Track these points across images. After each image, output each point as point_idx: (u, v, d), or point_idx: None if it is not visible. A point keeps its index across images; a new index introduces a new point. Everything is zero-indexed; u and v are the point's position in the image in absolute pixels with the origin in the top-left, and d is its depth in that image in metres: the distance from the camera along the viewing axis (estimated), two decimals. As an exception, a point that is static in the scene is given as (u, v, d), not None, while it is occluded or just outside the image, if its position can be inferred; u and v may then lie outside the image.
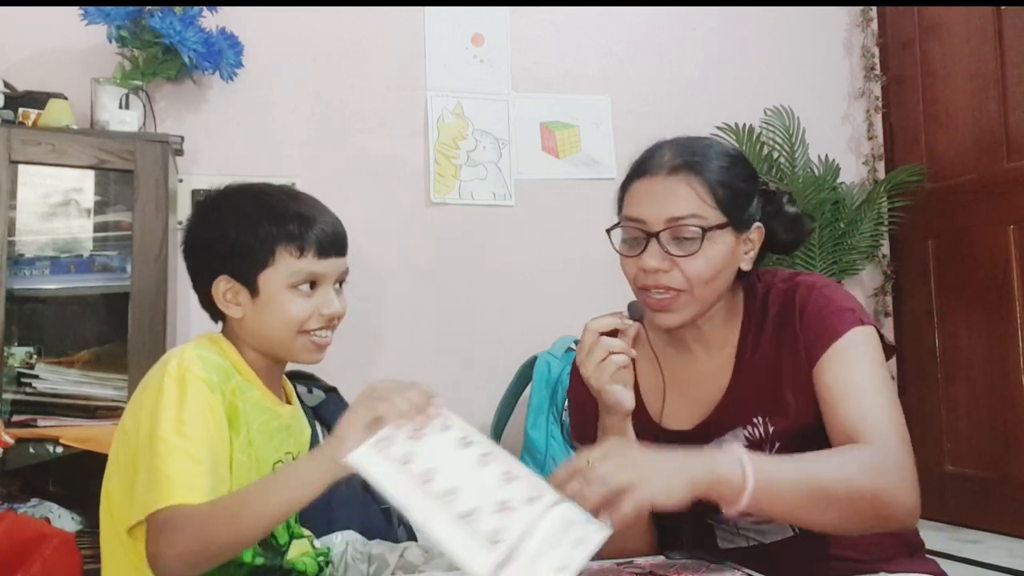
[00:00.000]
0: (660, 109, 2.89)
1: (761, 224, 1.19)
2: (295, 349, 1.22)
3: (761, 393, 1.17)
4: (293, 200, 1.25)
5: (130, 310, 1.99)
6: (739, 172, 1.17)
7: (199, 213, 1.28)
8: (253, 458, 1.18)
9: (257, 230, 1.19)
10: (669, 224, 1.12)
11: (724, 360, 1.21)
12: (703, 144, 1.20)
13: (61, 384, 1.96)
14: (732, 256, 1.16)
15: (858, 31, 3.14)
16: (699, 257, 1.12)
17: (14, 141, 1.96)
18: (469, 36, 2.79)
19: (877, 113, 3.10)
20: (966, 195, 2.78)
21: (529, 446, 2.39)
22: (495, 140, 2.77)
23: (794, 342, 1.16)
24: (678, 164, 1.15)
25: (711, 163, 1.15)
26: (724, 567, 1.12)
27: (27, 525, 1.63)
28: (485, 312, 2.71)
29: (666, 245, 1.13)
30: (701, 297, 1.14)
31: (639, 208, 1.16)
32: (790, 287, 1.20)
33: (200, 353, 1.16)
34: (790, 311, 1.17)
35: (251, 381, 1.22)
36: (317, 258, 1.20)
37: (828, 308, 1.15)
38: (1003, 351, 2.61)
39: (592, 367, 1.11)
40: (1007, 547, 2.42)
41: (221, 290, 1.22)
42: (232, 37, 2.39)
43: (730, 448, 0.98)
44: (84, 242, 2.15)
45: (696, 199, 1.13)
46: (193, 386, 1.11)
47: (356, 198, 2.61)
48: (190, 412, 1.10)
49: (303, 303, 1.20)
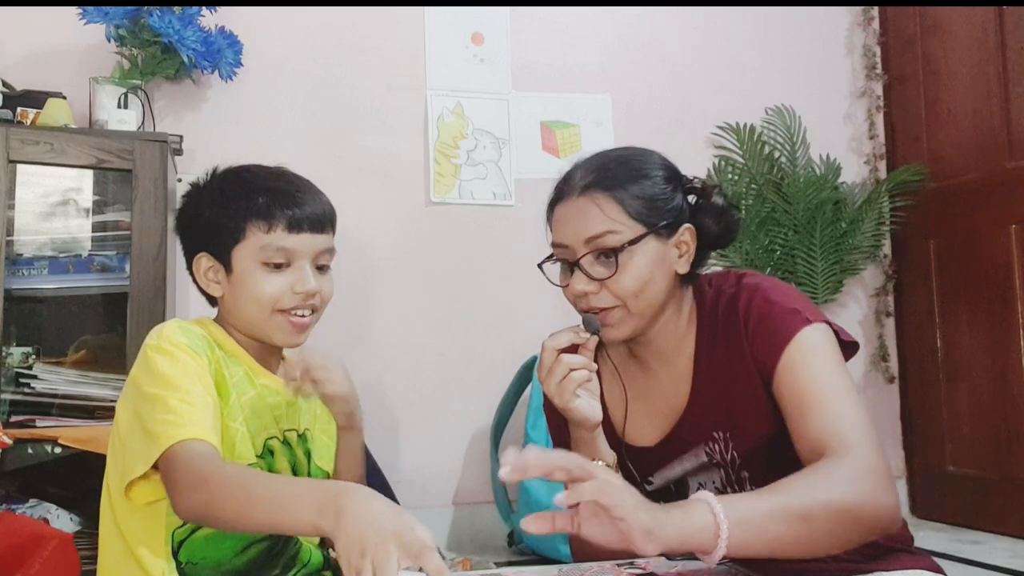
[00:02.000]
0: (660, 108, 2.88)
1: (691, 224, 1.16)
2: (270, 329, 1.21)
3: (719, 407, 1.15)
4: (273, 178, 1.25)
5: (129, 310, 1.99)
6: (654, 178, 1.15)
7: (186, 195, 1.29)
8: (246, 427, 1.18)
9: (230, 206, 1.20)
10: (588, 245, 1.12)
11: (682, 373, 1.20)
12: (613, 157, 1.18)
13: (59, 384, 1.95)
14: (661, 263, 1.14)
15: (859, 30, 3.13)
16: (622, 273, 1.11)
17: (12, 140, 1.95)
18: (469, 35, 2.79)
19: (878, 112, 3.10)
20: (968, 195, 2.78)
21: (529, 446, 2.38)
22: (495, 139, 2.77)
23: (742, 352, 1.13)
24: (587, 183, 1.14)
25: (620, 176, 1.14)
26: (723, 567, 1.12)
27: (26, 526, 1.63)
28: (485, 312, 2.70)
29: (588, 268, 1.13)
30: (637, 310, 1.13)
31: (560, 233, 1.17)
32: (735, 292, 1.17)
33: (182, 325, 1.17)
34: (735, 319, 1.15)
35: (238, 357, 1.22)
36: (287, 233, 1.19)
37: (770, 313, 1.12)
38: (1005, 351, 2.61)
39: (554, 386, 1.11)
40: (1008, 548, 2.41)
41: (202, 268, 1.23)
42: (231, 36, 2.38)
43: (698, 496, 0.93)
44: (83, 242, 2.14)
45: (605, 217, 1.12)
46: (175, 348, 1.12)
47: (356, 198, 2.61)
48: (177, 369, 1.11)
49: (274, 279, 1.19)
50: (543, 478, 0.91)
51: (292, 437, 1.27)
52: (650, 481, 1.21)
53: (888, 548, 1.16)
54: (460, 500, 2.64)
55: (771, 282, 1.17)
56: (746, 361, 1.13)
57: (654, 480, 1.21)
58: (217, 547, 1.16)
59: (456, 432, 2.64)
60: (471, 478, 2.64)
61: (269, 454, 1.22)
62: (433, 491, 2.61)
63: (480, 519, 2.61)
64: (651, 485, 1.21)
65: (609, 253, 1.11)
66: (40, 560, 1.50)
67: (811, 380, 1.07)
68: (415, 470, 2.56)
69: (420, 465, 2.59)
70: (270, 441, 1.22)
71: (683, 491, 1.19)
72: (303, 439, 1.30)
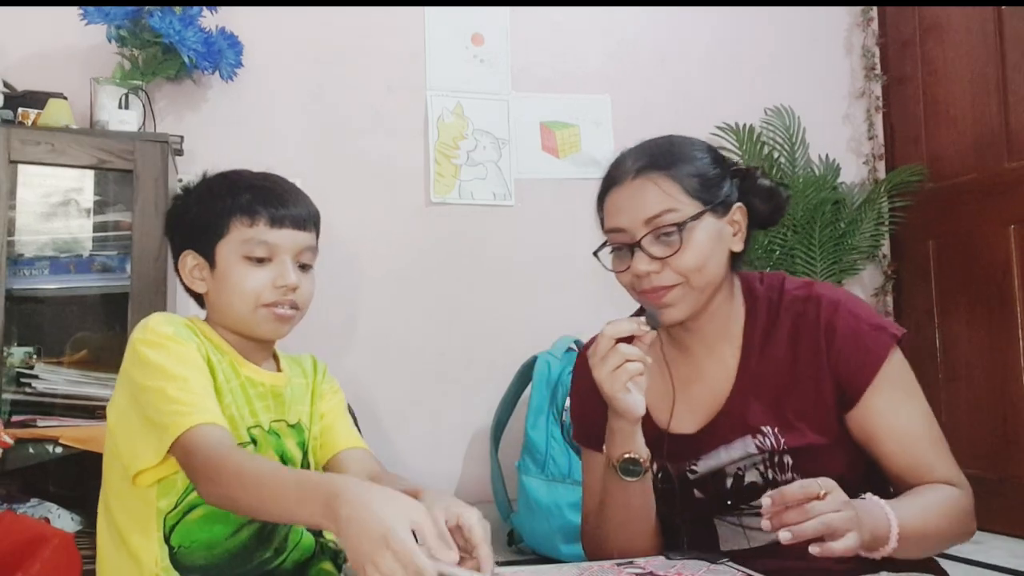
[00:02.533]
0: (660, 109, 2.89)
1: (741, 203, 1.20)
2: (253, 322, 1.24)
3: (766, 401, 1.17)
4: (259, 178, 1.29)
5: (130, 310, 1.99)
6: (704, 158, 1.19)
7: (175, 197, 1.33)
8: (230, 411, 1.20)
9: (215, 204, 1.24)
10: (648, 225, 1.15)
11: (726, 362, 1.22)
12: (662, 142, 1.22)
13: (60, 384, 1.96)
14: (719, 240, 1.17)
15: (858, 31, 3.13)
16: (685, 250, 1.14)
17: (13, 141, 1.96)
18: (469, 36, 2.79)
19: (877, 113, 3.10)
20: (967, 195, 2.78)
21: (529, 446, 2.39)
22: (495, 140, 2.77)
23: (816, 361, 1.16)
24: (641, 166, 1.17)
25: (673, 157, 1.17)
26: (724, 567, 1.12)
27: (26, 525, 1.63)
28: (485, 312, 2.71)
29: (649, 249, 1.15)
30: (699, 286, 1.16)
31: (616, 218, 1.19)
32: (808, 298, 1.19)
33: (164, 316, 1.20)
34: (811, 325, 1.17)
35: (224, 351, 1.24)
36: (269, 227, 1.22)
37: (859, 330, 1.15)
38: (1004, 351, 2.61)
39: (606, 373, 1.10)
40: (1008, 547, 2.42)
41: (188, 266, 1.27)
42: (232, 37, 2.38)
43: (874, 502, 1.04)
44: (83, 242, 2.14)
45: (665, 195, 1.15)
46: (163, 339, 1.15)
47: (356, 198, 2.61)
48: (170, 359, 1.13)
49: (256, 273, 1.22)
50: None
51: (282, 427, 1.29)
52: (694, 470, 1.22)
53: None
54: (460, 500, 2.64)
55: (849, 295, 1.21)
56: (820, 369, 1.16)
57: (698, 468, 1.21)
58: (208, 530, 1.17)
59: (456, 432, 2.64)
60: (471, 478, 2.65)
61: (253, 444, 1.23)
62: (433, 491, 2.61)
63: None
64: (695, 474, 1.22)
65: (669, 231, 1.14)
66: (41, 560, 1.50)
67: (908, 409, 1.15)
68: (415, 470, 2.56)
69: (420, 465, 2.59)
70: (253, 430, 1.24)
71: (721, 478, 1.20)
72: (296, 429, 1.31)
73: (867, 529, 0.98)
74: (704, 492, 1.21)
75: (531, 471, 2.35)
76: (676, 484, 1.22)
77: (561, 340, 2.54)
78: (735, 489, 1.19)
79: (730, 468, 1.19)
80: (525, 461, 2.39)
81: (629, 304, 1.49)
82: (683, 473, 1.21)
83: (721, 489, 1.19)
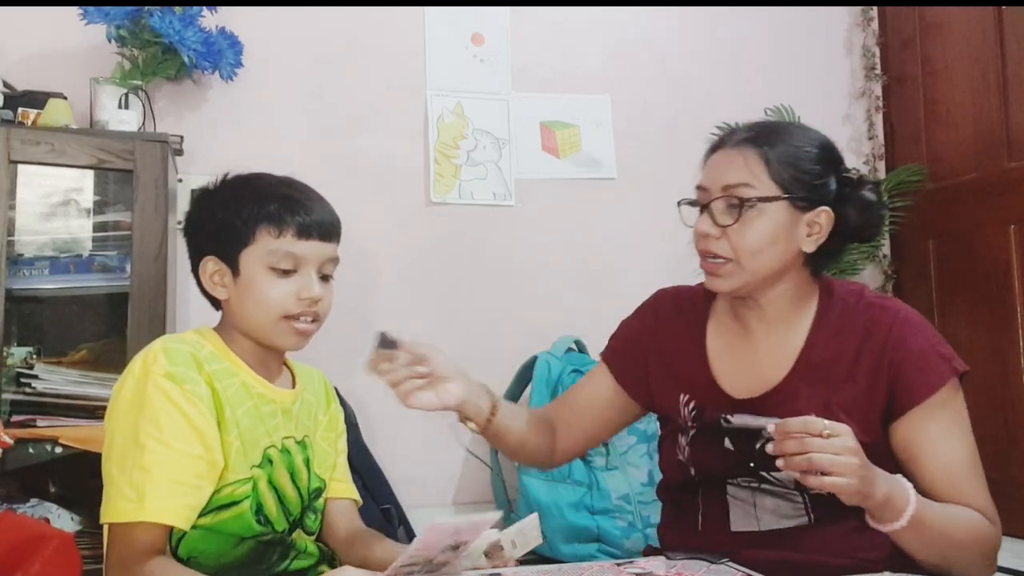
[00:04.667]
0: (660, 109, 2.88)
1: (830, 209, 1.21)
2: (273, 334, 1.23)
3: (819, 393, 1.19)
4: (284, 185, 1.26)
5: (130, 310, 1.99)
6: (810, 153, 1.21)
7: (195, 198, 1.31)
8: (241, 440, 1.19)
9: (241, 210, 1.22)
10: (723, 192, 1.18)
11: (786, 350, 1.23)
12: (776, 123, 1.28)
13: (60, 384, 1.95)
14: (787, 233, 1.18)
15: (858, 30, 3.13)
16: (745, 227, 1.17)
17: (13, 141, 1.96)
18: (469, 36, 2.79)
19: (878, 113, 3.10)
20: (967, 195, 2.78)
21: (529, 446, 2.39)
22: (495, 140, 2.77)
23: (878, 362, 1.18)
24: (744, 138, 1.21)
25: (775, 139, 1.20)
26: (724, 567, 1.12)
27: (26, 525, 1.63)
28: (485, 312, 2.71)
29: (716, 214, 1.18)
30: (749, 268, 1.18)
31: (704, 176, 1.24)
32: (885, 307, 1.22)
33: (168, 346, 1.17)
34: (882, 331, 1.19)
35: (236, 367, 1.23)
36: (296, 239, 1.21)
37: (926, 351, 1.18)
38: (1004, 351, 2.61)
39: (401, 399, 1.19)
40: (1009, 548, 2.40)
41: (209, 271, 1.24)
42: (232, 37, 2.38)
43: (901, 478, 1.08)
44: (83, 242, 2.14)
45: (747, 170, 1.18)
46: (154, 387, 1.13)
47: (356, 198, 2.61)
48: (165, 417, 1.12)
49: (281, 285, 1.21)
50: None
51: (291, 444, 1.28)
52: (728, 420, 1.24)
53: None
54: (460, 500, 2.64)
55: (921, 316, 1.23)
56: (878, 373, 1.18)
57: (733, 420, 1.24)
58: (213, 541, 1.17)
59: (456, 432, 2.64)
60: (471, 478, 2.65)
61: (268, 463, 1.23)
62: (433, 491, 2.61)
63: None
64: (728, 424, 1.24)
65: (737, 202, 1.17)
66: (41, 560, 1.49)
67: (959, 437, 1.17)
68: (415, 470, 2.56)
69: (420, 465, 2.59)
70: (269, 450, 1.23)
71: (753, 437, 1.22)
72: (302, 446, 1.31)
73: (881, 492, 1.03)
74: (734, 445, 1.23)
75: (531, 471, 2.35)
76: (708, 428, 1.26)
77: (561, 340, 2.54)
78: (762, 453, 1.21)
79: (766, 432, 1.21)
80: (525, 461, 2.39)
81: (629, 304, 1.49)
82: (718, 420, 1.24)
83: (749, 448, 1.21)
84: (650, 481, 2.34)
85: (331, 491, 1.37)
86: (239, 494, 1.18)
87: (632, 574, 1.09)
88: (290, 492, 1.26)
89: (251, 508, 1.18)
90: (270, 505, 1.22)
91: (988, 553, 1.15)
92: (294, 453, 1.28)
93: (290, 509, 1.26)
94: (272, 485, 1.23)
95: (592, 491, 2.31)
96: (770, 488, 1.20)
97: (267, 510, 1.21)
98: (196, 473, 1.12)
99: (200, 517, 1.15)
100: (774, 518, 1.20)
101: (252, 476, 1.19)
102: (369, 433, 2.41)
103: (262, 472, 1.21)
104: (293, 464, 1.27)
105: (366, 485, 2.27)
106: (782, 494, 1.19)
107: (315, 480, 1.32)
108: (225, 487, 1.17)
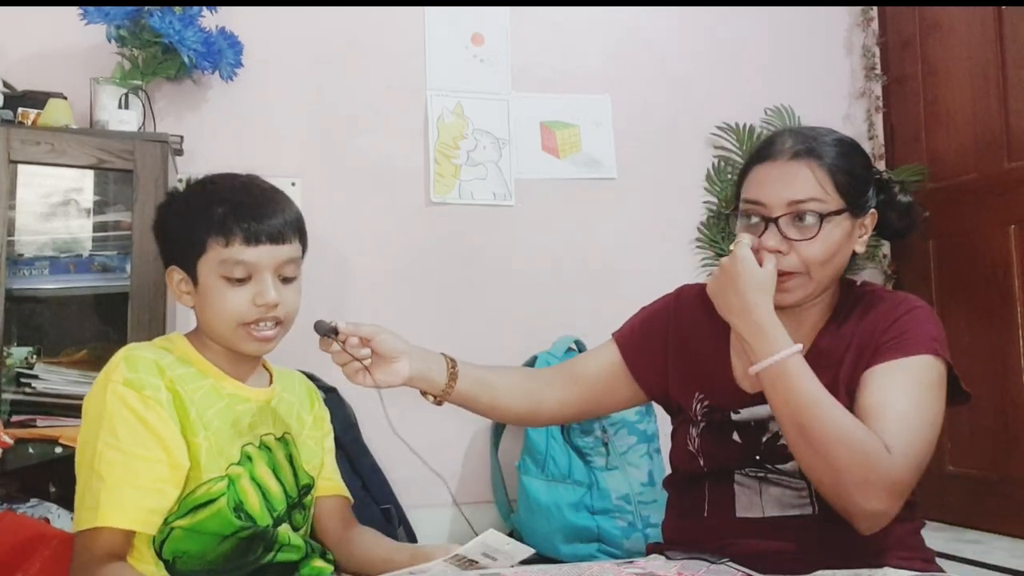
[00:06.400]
0: (660, 109, 2.88)
1: (876, 210, 1.25)
2: (234, 341, 1.23)
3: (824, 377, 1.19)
4: (234, 190, 1.24)
5: (129, 310, 1.99)
6: (856, 160, 1.24)
7: (159, 206, 1.31)
8: (212, 440, 1.20)
9: (193, 220, 1.22)
10: (789, 208, 1.19)
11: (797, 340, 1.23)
12: (822, 132, 1.26)
13: (60, 384, 1.96)
14: (848, 240, 1.22)
15: (858, 31, 3.13)
16: (817, 241, 1.18)
17: (13, 141, 1.95)
18: (469, 36, 2.79)
19: (878, 113, 3.10)
20: (967, 195, 2.78)
21: (529, 446, 2.39)
22: (495, 140, 2.77)
23: (872, 333, 1.21)
24: (800, 150, 1.21)
25: (830, 150, 1.21)
26: (724, 567, 1.12)
27: (26, 525, 1.63)
28: (485, 312, 2.71)
29: (784, 229, 1.19)
30: (817, 278, 1.20)
31: (759, 191, 1.22)
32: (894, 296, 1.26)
33: (129, 354, 1.18)
34: (884, 312, 1.23)
35: (204, 371, 1.24)
36: (245, 246, 1.19)
37: (917, 330, 1.19)
38: (1004, 351, 2.61)
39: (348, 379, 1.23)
40: (1008, 548, 2.42)
41: (175, 280, 1.26)
42: (232, 37, 2.38)
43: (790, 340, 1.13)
44: (83, 242, 2.14)
45: (816, 184, 1.19)
46: (112, 395, 1.15)
47: (356, 198, 2.61)
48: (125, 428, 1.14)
49: (237, 293, 1.20)
50: None
51: (271, 440, 1.29)
52: (738, 411, 1.27)
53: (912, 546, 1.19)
54: (460, 500, 2.63)
55: (931, 311, 1.24)
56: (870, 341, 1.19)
57: (741, 412, 1.26)
58: (195, 540, 1.18)
59: (456, 432, 2.64)
60: (471, 478, 2.65)
61: (248, 460, 1.24)
62: (433, 491, 2.60)
63: (480, 519, 2.61)
64: (737, 415, 1.27)
65: (807, 217, 1.18)
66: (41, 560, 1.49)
67: (905, 388, 1.14)
68: (415, 470, 2.56)
69: (420, 466, 2.58)
70: (247, 448, 1.24)
71: (760, 429, 1.24)
72: (284, 442, 1.32)
73: (753, 320, 1.15)
74: (741, 437, 1.25)
75: (531, 471, 2.35)
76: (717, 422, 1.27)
77: (561, 340, 2.54)
78: (768, 446, 1.23)
79: (773, 425, 1.23)
80: (525, 461, 2.39)
81: (629, 304, 1.49)
82: (727, 414, 1.27)
83: (756, 441, 1.24)
84: (650, 481, 2.34)
85: (320, 490, 1.38)
86: (215, 492, 1.19)
87: (632, 574, 1.09)
88: (273, 487, 1.27)
89: (229, 505, 1.19)
90: (252, 501, 1.23)
91: (873, 469, 1.05)
92: (275, 449, 1.29)
93: (274, 504, 1.26)
94: (254, 481, 1.24)
95: (592, 491, 2.31)
96: (776, 479, 1.22)
97: (248, 506, 1.22)
98: (156, 477, 1.13)
99: (179, 518, 1.17)
100: (778, 506, 1.22)
101: (228, 474, 1.21)
102: (369, 434, 2.41)
103: (242, 469, 1.23)
104: (275, 460, 1.29)
105: (366, 485, 2.27)
106: (788, 484, 1.21)
107: (303, 477, 1.33)
108: (200, 487, 1.18)
